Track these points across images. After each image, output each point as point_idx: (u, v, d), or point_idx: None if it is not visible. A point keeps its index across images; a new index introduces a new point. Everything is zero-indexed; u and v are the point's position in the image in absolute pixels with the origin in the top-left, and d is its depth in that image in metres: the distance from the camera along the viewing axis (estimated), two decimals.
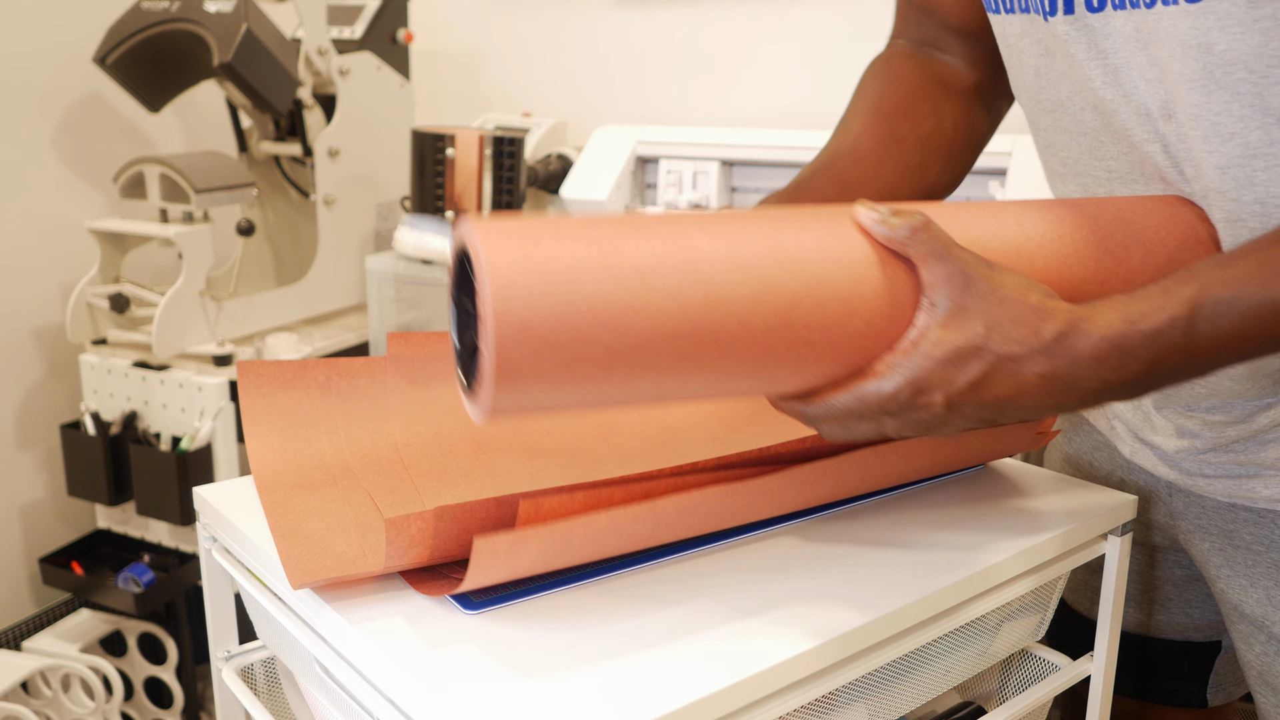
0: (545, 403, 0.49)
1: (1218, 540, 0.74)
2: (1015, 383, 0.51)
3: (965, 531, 0.67)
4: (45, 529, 1.85)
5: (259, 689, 0.73)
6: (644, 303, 0.48)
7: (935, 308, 0.51)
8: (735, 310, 0.49)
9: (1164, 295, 0.52)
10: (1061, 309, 0.51)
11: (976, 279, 0.51)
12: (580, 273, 0.47)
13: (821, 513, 0.69)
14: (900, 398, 0.51)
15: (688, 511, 0.60)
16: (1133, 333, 0.51)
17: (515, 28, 2.14)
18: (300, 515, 0.63)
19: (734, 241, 0.50)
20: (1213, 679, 0.86)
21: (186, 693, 1.71)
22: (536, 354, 0.46)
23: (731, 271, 0.49)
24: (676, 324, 0.48)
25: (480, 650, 0.52)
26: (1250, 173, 0.59)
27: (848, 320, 0.51)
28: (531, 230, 0.48)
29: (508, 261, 0.46)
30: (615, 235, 0.49)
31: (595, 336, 0.47)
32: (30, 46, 1.74)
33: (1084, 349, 0.50)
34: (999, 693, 0.78)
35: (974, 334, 0.50)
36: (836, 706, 0.58)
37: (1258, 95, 0.57)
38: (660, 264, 0.48)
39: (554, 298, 0.46)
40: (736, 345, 0.50)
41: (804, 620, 0.55)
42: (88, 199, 1.86)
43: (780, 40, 1.82)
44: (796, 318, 0.50)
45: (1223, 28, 0.56)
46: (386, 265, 1.69)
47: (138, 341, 1.61)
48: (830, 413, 0.53)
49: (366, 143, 1.83)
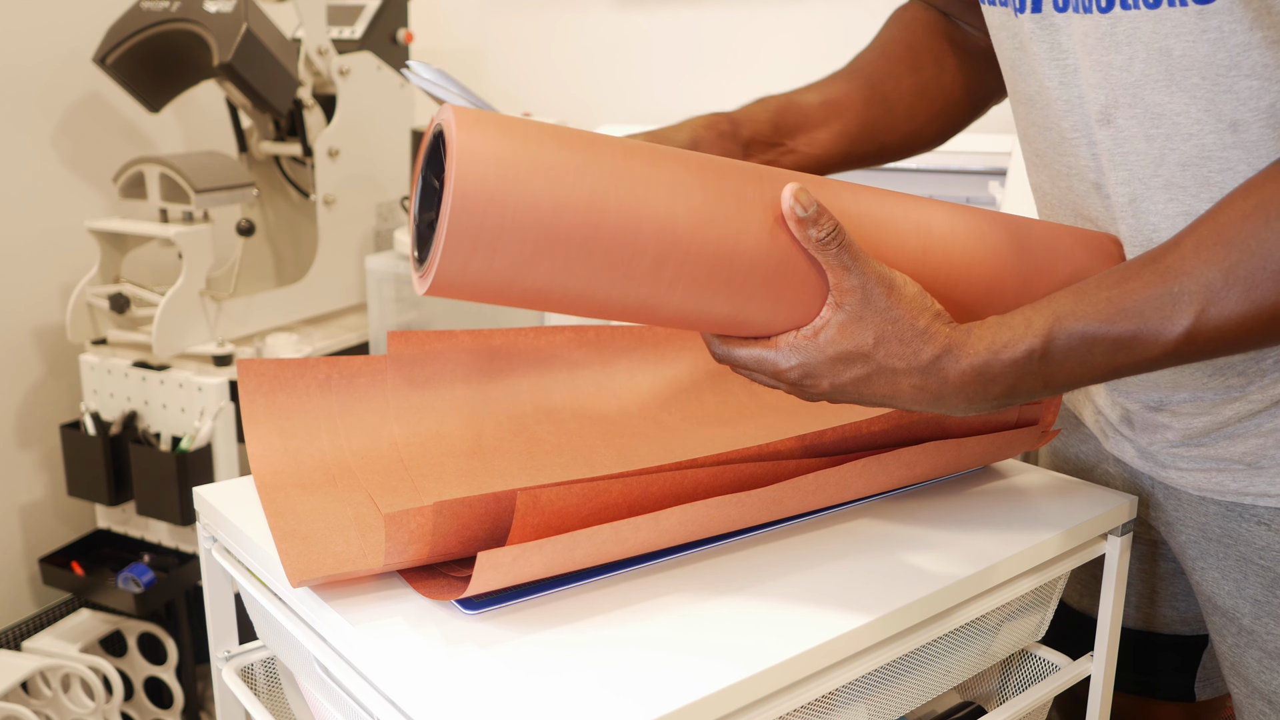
0: (488, 276, 0.51)
1: (1193, 533, 0.75)
2: (891, 387, 0.58)
3: (965, 531, 0.67)
4: (45, 529, 1.85)
5: (259, 689, 0.73)
6: (599, 202, 0.51)
7: (840, 308, 0.57)
8: (681, 230, 0.53)
9: (1024, 326, 0.58)
10: (942, 335, 0.57)
11: (876, 294, 0.56)
12: (544, 161, 0.50)
13: (822, 513, 0.69)
14: (791, 375, 0.58)
15: (690, 521, 0.60)
16: (995, 362, 0.57)
17: (516, 27, 2.14)
18: (300, 515, 0.63)
19: (692, 177, 0.54)
20: (1200, 673, 0.87)
21: (186, 693, 1.71)
22: (488, 222, 0.48)
23: (683, 198, 0.53)
24: (623, 226, 0.51)
25: (480, 650, 0.52)
26: (1206, 174, 0.62)
27: (767, 284, 0.56)
28: (509, 121, 0.51)
29: (479, 139, 0.49)
30: (589, 141, 0.52)
31: (545, 219, 0.50)
32: (30, 46, 1.74)
33: (952, 373, 0.57)
34: (999, 693, 0.78)
35: (864, 343, 0.57)
36: (836, 706, 0.58)
37: (1210, 101, 0.60)
38: (622, 176, 0.51)
39: (514, 173, 0.49)
40: (670, 261, 0.53)
41: (804, 620, 0.55)
42: (88, 199, 1.86)
43: (780, 40, 1.82)
44: (733, 259, 0.54)
45: (1178, 35, 0.60)
46: (386, 265, 1.68)
47: (138, 341, 1.61)
48: (732, 359, 0.60)
49: (366, 143, 1.83)
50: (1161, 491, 0.78)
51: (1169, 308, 0.55)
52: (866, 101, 0.82)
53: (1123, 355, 0.57)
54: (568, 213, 0.50)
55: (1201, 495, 0.73)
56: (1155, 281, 0.56)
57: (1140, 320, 0.56)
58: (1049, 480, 0.76)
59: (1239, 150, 0.61)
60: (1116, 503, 0.72)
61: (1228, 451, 0.70)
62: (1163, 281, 0.56)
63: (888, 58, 0.84)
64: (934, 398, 0.58)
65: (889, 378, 0.57)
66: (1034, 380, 0.57)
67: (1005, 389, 0.58)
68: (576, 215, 0.50)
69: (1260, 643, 0.72)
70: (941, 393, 0.57)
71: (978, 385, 0.57)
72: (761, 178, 0.56)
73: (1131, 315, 0.56)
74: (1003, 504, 0.71)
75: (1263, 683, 0.72)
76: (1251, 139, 0.60)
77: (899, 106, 0.83)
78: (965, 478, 0.76)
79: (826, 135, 0.81)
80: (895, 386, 0.57)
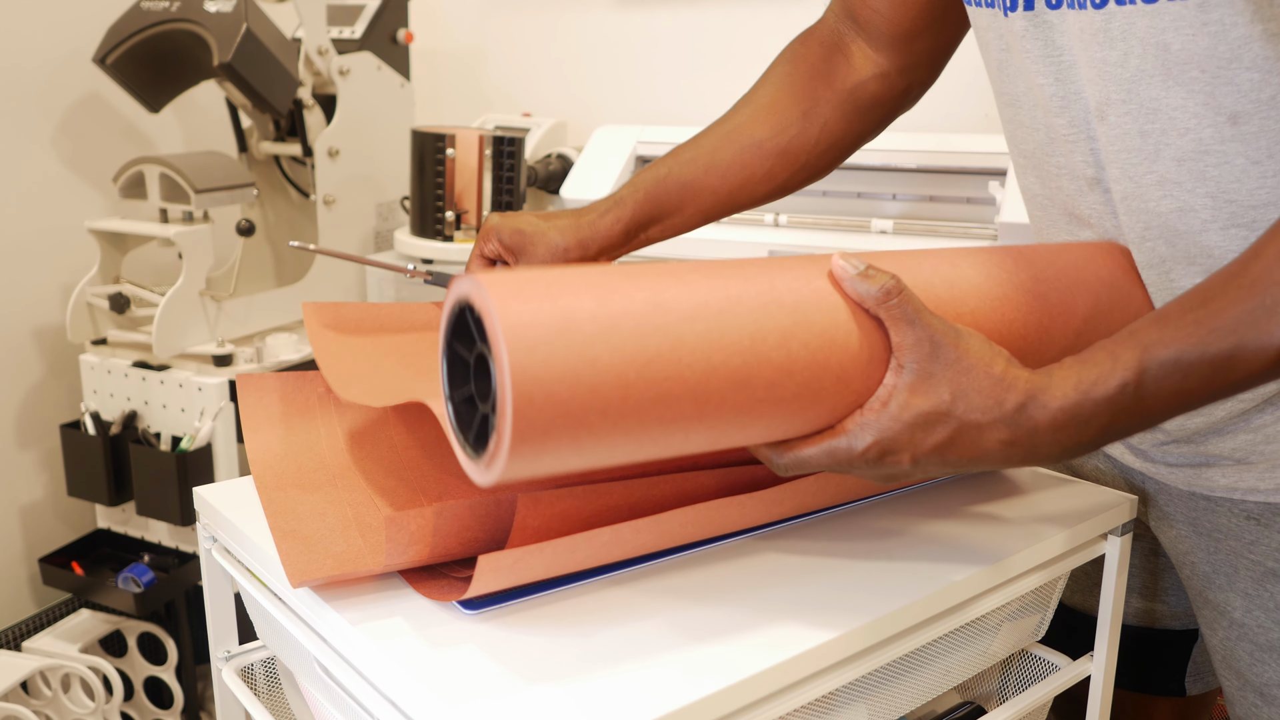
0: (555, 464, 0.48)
1: (1183, 528, 0.75)
2: (978, 447, 0.54)
3: (965, 531, 0.67)
4: (45, 529, 1.84)
5: (259, 689, 0.73)
6: (649, 370, 0.48)
7: (904, 369, 0.53)
8: (728, 372, 0.50)
9: (1111, 361, 0.54)
10: (1022, 379, 0.54)
11: (944, 346, 0.53)
12: (590, 331, 0.47)
13: (822, 513, 0.69)
14: (869, 455, 0.54)
15: (691, 523, 0.60)
16: (1087, 401, 0.53)
17: (515, 27, 2.14)
18: (300, 515, 0.63)
19: (715, 321, 0.51)
20: (1190, 667, 0.87)
21: (186, 693, 1.71)
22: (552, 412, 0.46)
23: (713, 357, 0.50)
24: (676, 392, 0.49)
25: (480, 650, 0.52)
26: (1203, 167, 0.62)
27: (823, 374, 0.53)
28: (542, 284, 0.48)
29: (523, 315, 0.46)
30: (615, 292, 0.49)
31: (604, 403, 0.47)
32: (30, 46, 1.74)
33: (1043, 420, 0.53)
34: (999, 693, 0.78)
35: (940, 400, 0.53)
36: (836, 706, 0.58)
37: (1209, 94, 0.60)
38: (652, 350, 0.49)
39: (568, 366, 0.46)
40: (724, 410, 0.51)
41: (804, 620, 0.55)
42: (88, 199, 1.86)
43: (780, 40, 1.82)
44: (780, 383, 0.52)
45: (1176, 29, 0.59)
46: None
47: (138, 341, 1.61)
48: (800, 465, 0.56)
49: (366, 143, 1.83)
50: (1152, 486, 0.78)
51: (1264, 320, 0.52)
52: (723, 176, 0.83)
53: (1221, 377, 0.53)
54: (633, 383, 0.48)
55: (1191, 491, 0.74)
56: (1243, 297, 0.53)
57: (1235, 337, 0.53)
58: (1048, 480, 0.76)
59: (1238, 143, 0.61)
60: (1116, 503, 0.72)
61: (1217, 448, 0.70)
62: (1251, 295, 0.53)
63: (757, 118, 0.84)
64: (1026, 451, 0.54)
65: (973, 436, 0.53)
66: (1130, 417, 0.54)
67: (1100, 429, 0.54)
68: (641, 383, 0.48)
69: (1251, 635, 0.72)
70: (1034, 444, 0.54)
71: (1072, 429, 0.54)
72: (789, 270, 0.55)
73: (1224, 333, 0.53)
74: (1002, 504, 0.71)
75: (1254, 675, 0.73)
76: (1252, 130, 0.60)
77: (759, 172, 0.83)
78: (965, 478, 0.76)
79: (680, 220, 0.83)
80: (981, 446, 0.54)
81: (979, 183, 1.48)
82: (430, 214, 1.64)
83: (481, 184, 1.63)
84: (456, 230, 1.64)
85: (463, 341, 0.51)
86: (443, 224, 1.64)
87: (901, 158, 1.51)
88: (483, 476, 0.49)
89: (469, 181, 1.63)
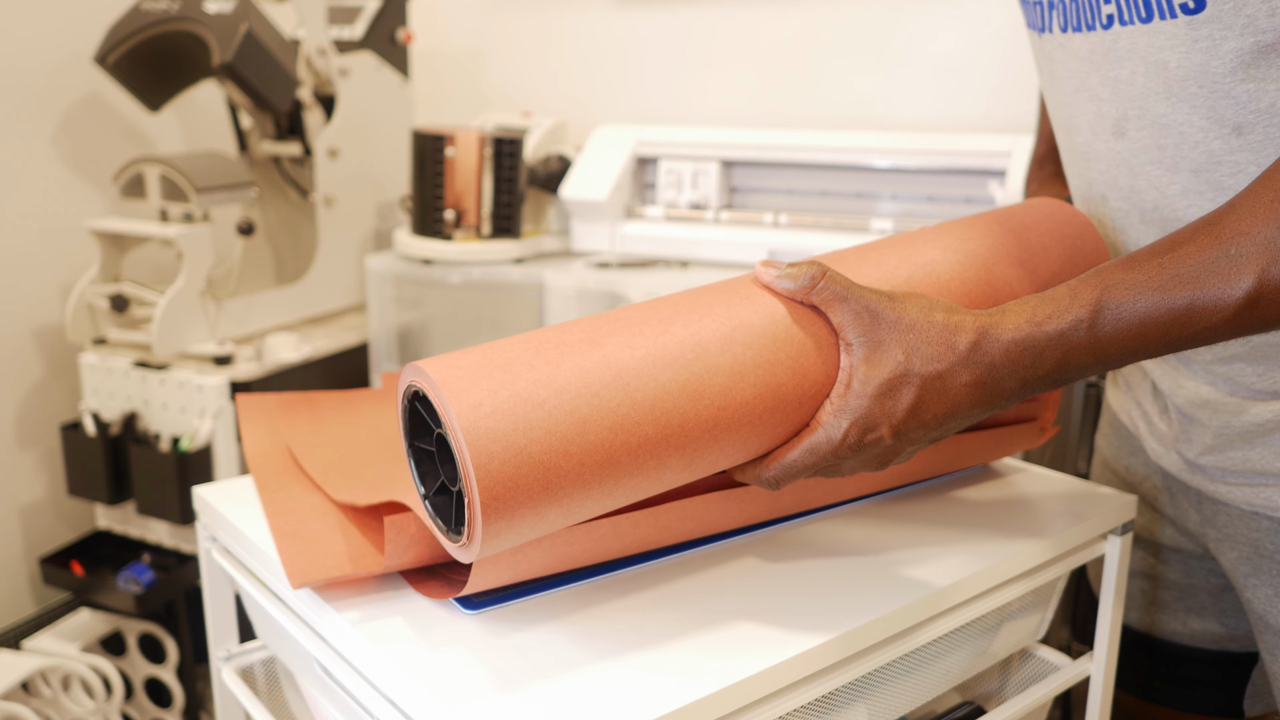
0: (534, 520, 0.49)
1: (1245, 549, 0.74)
2: (947, 398, 0.54)
3: (965, 531, 0.67)
4: (45, 529, 1.84)
5: (259, 689, 0.73)
6: (598, 400, 0.49)
7: (853, 345, 0.54)
8: (678, 387, 0.51)
9: (1070, 297, 0.55)
10: (968, 320, 0.54)
11: (882, 312, 0.54)
12: (530, 378, 0.49)
13: (822, 513, 0.69)
14: (850, 440, 0.54)
15: (689, 517, 0.60)
16: (1039, 334, 0.54)
17: (515, 28, 2.14)
18: (300, 515, 0.63)
19: (655, 343, 0.52)
20: (1249, 689, 0.86)
21: (186, 693, 1.71)
22: (515, 462, 0.47)
23: (659, 376, 0.51)
24: (633, 416, 0.50)
25: (480, 650, 0.52)
26: (1218, 178, 0.62)
27: (776, 370, 0.53)
28: (476, 353, 0.50)
29: (461, 379, 0.48)
30: (546, 343, 0.51)
31: (564, 441, 0.48)
32: (30, 46, 1.74)
33: (997, 353, 0.54)
34: (999, 693, 0.78)
35: (896, 363, 0.53)
36: (836, 706, 0.58)
37: (1211, 108, 0.60)
38: (598, 383, 0.50)
39: (519, 413, 0.47)
40: (687, 426, 0.51)
41: (804, 620, 0.55)
42: (88, 199, 1.86)
43: (780, 40, 1.82)
44: (734, 387, 0.52)
45: (1171, 46, 0.60)
46: (386, 265, 1.68)
47: (138, 341, 1.61)
48: (788, 471, 0.56)
49: (366, 143, 1.83)
50: (1210, 506, 0.77)
51: (1227, 270, 0.52)
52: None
53: (1179, 325, 0.53)
54: (587, 417, 0.49)
55: (1254, 511, 0.73)
56: (1210, 244, 0.53)
57: (1196, 285, 0.52)
58: (1049, 480, 0.76)
59: (1246, 153, 0.61)
60: (1117, 503, 0.72)
61: (1276, 466, 0.70)
62: (1218, 244, 0.53)
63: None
64: (990, 390, 0.54)
65: (938, 387, 0.53)
66: (1084, 354, 0.54)
67: (1055, 362, 0.54)
68: (595, 415, 0.49)
69: None
70: (994, 380, 0.54)
71: (1026, 361, 0.54)
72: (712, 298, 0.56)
73: (1186, 280, 0.53)
74: (1003, 504, 0.71)
75: None
76: (1257, 140, 0.60)
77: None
78: (965, 478, 0.76)
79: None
80: (950, 394, 0.54)
81: (979, 183, 1.48)
82: (430, 214, 1.64)
83: (481, 184, 1.63)
84: (456, 230, 1.64)
85: (421, 434, 0.52)
86: (442, 224, 1.64)
87: (901, 158, 1.51)
88: (467, 553, 0.50)
89: (469, 181, 1.63)
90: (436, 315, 1.70)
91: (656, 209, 1.68)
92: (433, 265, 1.63)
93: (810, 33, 1.78)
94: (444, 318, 1.71)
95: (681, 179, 1.68)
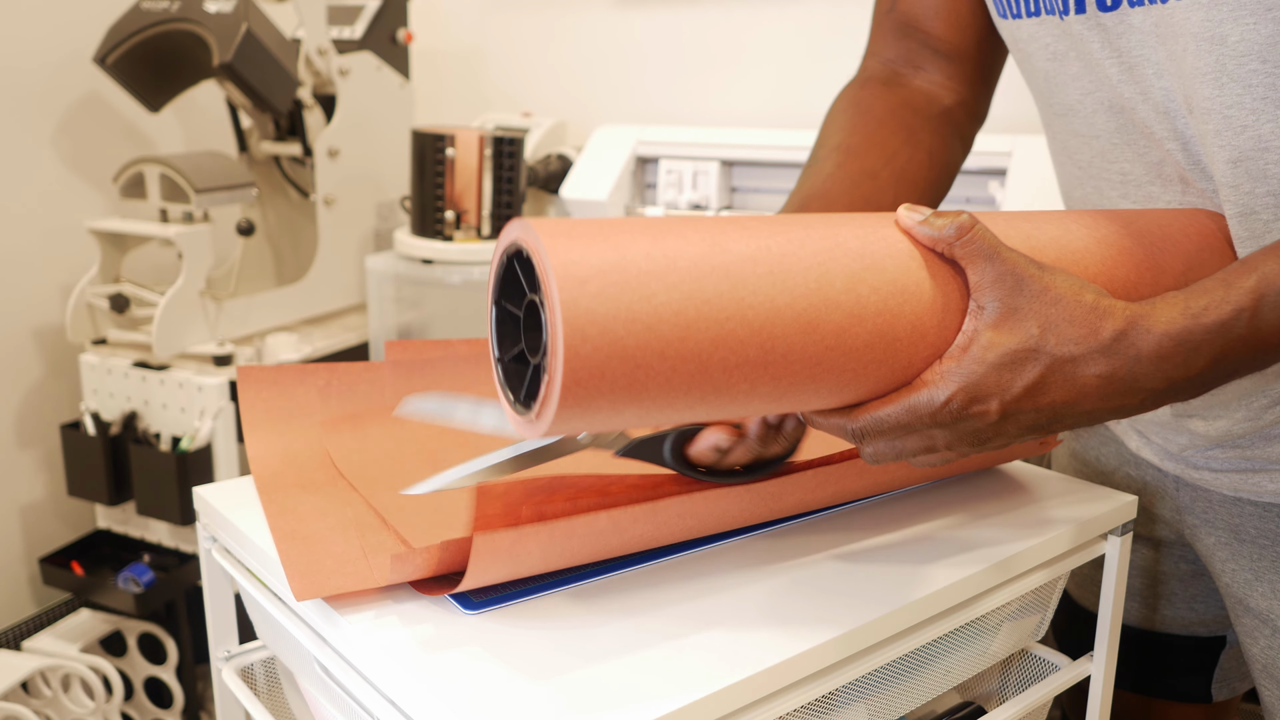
0: (611, 414, 0.46)
1: (1224, 534, 0.74)
2: (1073, 386, 0.49)
3: (965, 531, 0.67)
4: (45, 529, 1.85)
5: (259, 689, 0.73)
6: (708, 309, 0.46)
7: (984, 310, 0.49)
8: (793, 315, 0.48)
9: (1224, 288, 0.50)
10: (1119, 307, 0.49)
11: (1028, 279, 0.49)
12: (645, 267, 0.45)
13: (822, 513, 0.69)
14: (953, 406, 0.49)
15: (689, 514, 0.60)
16: (1196, 327, 0.49)
17: (515, 27, 2.14)
18: (300, 516, 0.63)
19: (780, 263, 0.48)
20: (1217, 674, 0.87)
21: (186, 693, 1.71)
22: (607, 352, 0.44)
23: (777, 299, 0.47)
24: (739, 334, 0.47)
25: (480, 650, 0.52)
26: (1263, 165, 0.59)
27: (896, 321, 0.49)
28: (593, 224, 0.46)
29: (572, 251, 0.44)
30: (670, 233, 0.47)
31: (662, 342, 0.45)
32: (30, 46, 1.74)
33: (1146, 347, 0.49)
34: (999, 693, 0.78)
35: (1029, 335, 0.48)
36: (836, 706, 0.58)
37: (1270, 87, 0.56)
38: (712, 290, 0.46)
39: (623, 302, 0.44)
40: (791, 358, 0.48)
41: (804, 620, 0.55)
42: (88, 199, 1.86)
43: (780, 40, 1.82)
44: (849, 329, 0.49)
45: (1236, 19, 0.56)
46: (386, 265, 1.68)
47: (138, 341, 1.61)
48: (878, 426, 0.51)
49: (366, 143, 1.83)
50: (1189, 493, 0.77)
51: None
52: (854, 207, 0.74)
53: None
54: (693, 322, 0.45)
55: (1237, 496, 0.73)
56: None
57: None
58: (1049, 480, 0.76)
59: None
60: (1117, 502, 0.72)
61: (1265, 452, 0.69)
62: None
63: (854, 153, 0.75)
64: (1126, 385, 0.49)
65: (1068, 372, 0.48)
66: (1242, 348, 0.50)
67: (1210, 360, 0.50)
68: (701, 323, 0.45)
69: None
70: (1134, 376, 0.49)
71: (1179, 358, 0.49)
72: (850, 225, 0.52)
73: None
74: (1002, 504, 0.71)
75: None
76: None
77: (885, 200, 0.75)
78: (965, 478, 0.76)
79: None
80: (1078, 383, 0.49)
81: (979, 183, 1.48)
82: (430, 214, 1.65)
83: (481, 184, 1.63)
84: (456, 230, 1.64)
85: (511, 295, 0.49)
86: (442, 224, 1.64)
87: None
88: (532, 429, 0.47)
89: (469, 181, 1.63)
90: (436, 315, 1.70)
91: (657, 209, 1.68)
92: (433, 265, 1.63)
93: (810, 33, 1.78)
94: (444, 318, 1.71)
95: (682, 179, 1.68)
